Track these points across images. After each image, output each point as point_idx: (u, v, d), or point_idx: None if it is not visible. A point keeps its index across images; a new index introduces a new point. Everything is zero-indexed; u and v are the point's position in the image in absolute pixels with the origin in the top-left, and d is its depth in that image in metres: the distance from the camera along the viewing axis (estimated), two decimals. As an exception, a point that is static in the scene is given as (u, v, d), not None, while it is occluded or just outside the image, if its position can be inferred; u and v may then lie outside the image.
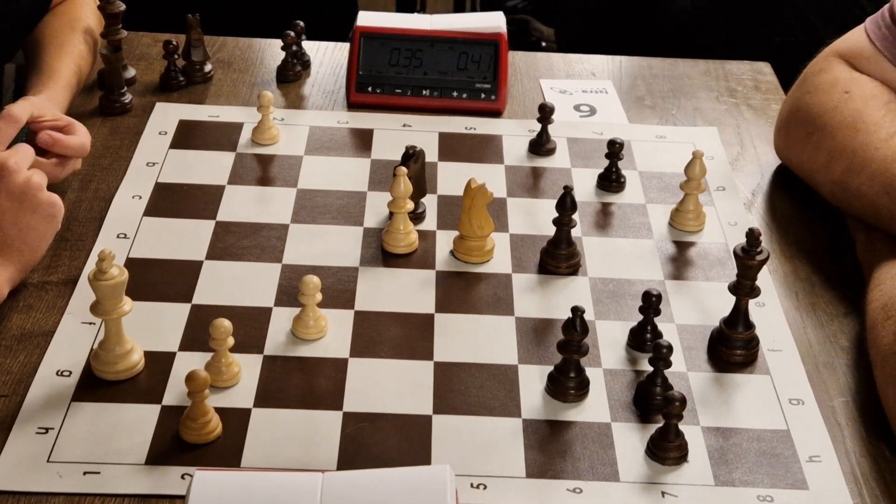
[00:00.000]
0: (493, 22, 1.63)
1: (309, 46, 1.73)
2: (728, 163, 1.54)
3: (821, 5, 2.23)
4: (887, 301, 1.17)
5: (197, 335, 1.19)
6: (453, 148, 1.54)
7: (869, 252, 1.30)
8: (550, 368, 1.15)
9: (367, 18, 1.63)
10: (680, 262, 1.35)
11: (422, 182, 1.38)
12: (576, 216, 1.31)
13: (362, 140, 1.55)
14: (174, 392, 1.12)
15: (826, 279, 1.33)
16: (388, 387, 1.15)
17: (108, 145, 1.50)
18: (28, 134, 1.30)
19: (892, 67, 1.39)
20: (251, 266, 1.30)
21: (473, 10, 3.33)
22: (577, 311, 1.12)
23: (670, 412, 1.06)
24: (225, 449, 1.07)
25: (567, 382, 1.13)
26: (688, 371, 1.19)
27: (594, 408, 1.13)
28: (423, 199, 1.40)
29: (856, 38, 1.44)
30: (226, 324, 1.11)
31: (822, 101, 1.41)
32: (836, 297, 1.30)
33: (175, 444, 1.06)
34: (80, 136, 1.36)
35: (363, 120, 1.59)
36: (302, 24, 1.69)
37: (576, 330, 1.12)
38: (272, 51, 1.75)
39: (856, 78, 1.41)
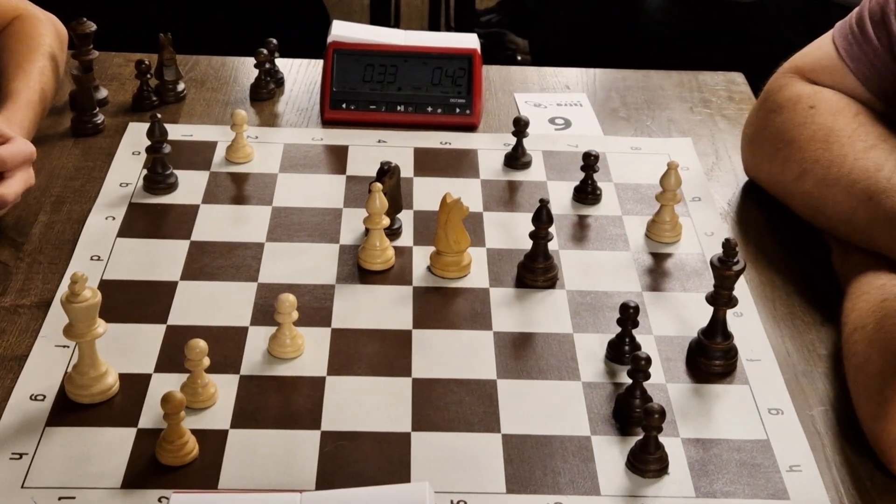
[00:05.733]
0: (467, 42, 1.63)
1: (282, 64, 1.73)
2: (703, 173, 1.54)
3: (793, 14, 2.24)
4: (875, 307, 1.17)
5: (172, 356, 1.18)
6: (428, 163, 1.54)
7: (845, 261, 1.30)
8: (529, 382, 1.15)
9: (341, 29, 1.63)
10: (657, 273, 1.35)
11: (397, 198, 1.38)
12: (552, 229, 1.31)
13: (337, 157, 1.54)
14: (150, 414, 1.11)
15: (803, 288, 1.33)
16: (366, 404, 1.14)
17: (80, 166, 1.49)
18: None
19: (854, 79, 1.39)
20: (226, 286, 1.29)
21: (447, 23, 3.34)
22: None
23: (650, 424, 1.06)
24: (202, 470, 1.05)
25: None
26: (667, 382, 1.18)
27: (574, 421, 1.13)
28: (398, 215, 1.39)
29: (818, 51, 1.44)
30: (201, 344, 1.10)
31: (789, 118, 1.40)
32: (814, 305, 1.30)
33: (152, 467, 1.05)
34: (15, 145, 1.30)
35: (338, 136, 1.59)
36: (275, 41, 1.68)
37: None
38: (245, 69, 1.74)
39: (819, 91, 1.41)
